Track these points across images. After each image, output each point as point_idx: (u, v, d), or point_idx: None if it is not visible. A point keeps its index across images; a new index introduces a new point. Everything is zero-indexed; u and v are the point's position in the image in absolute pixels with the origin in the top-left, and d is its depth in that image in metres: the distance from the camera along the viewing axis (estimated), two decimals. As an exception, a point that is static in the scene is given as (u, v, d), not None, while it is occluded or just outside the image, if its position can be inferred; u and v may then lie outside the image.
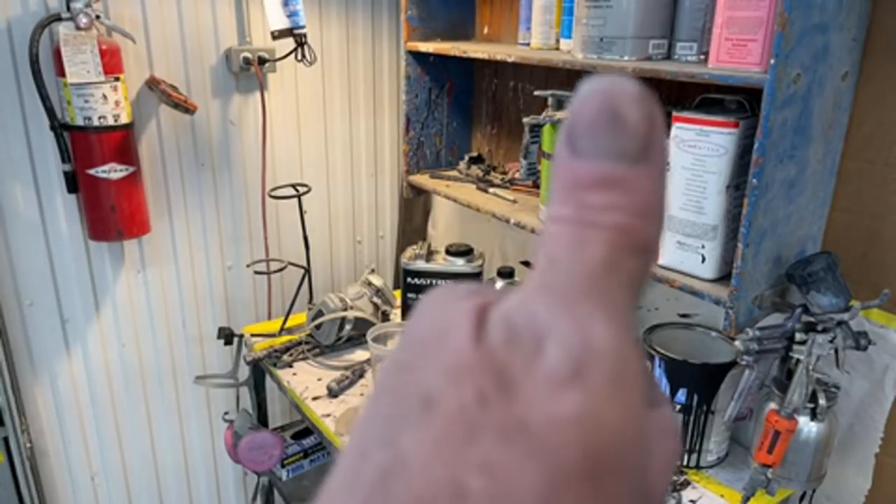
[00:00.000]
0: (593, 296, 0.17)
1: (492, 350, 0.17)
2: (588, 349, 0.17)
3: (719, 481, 1.29)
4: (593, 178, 0.18)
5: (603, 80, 0.18)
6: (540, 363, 0.16)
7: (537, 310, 0.17)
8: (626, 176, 0.18)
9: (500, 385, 0.16)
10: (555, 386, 0.16)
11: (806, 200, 1.13)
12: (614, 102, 0.18)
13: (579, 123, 0.18)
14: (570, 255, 0.18)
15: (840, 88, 1.09)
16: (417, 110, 1.79)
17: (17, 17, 1.46)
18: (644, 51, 1.21)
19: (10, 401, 1.62)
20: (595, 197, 0.18)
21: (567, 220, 0.18)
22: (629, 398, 0.17)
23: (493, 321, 0.17)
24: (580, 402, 0.16)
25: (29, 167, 1.55)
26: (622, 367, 0.17)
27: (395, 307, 1.85)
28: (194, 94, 1.71)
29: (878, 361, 1.17)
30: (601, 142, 0.18)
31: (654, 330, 1.38)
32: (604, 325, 0.17)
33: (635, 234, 0.18)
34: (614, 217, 0.18)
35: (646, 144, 0.18)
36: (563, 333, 0.17)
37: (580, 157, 0.18)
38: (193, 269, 1.85)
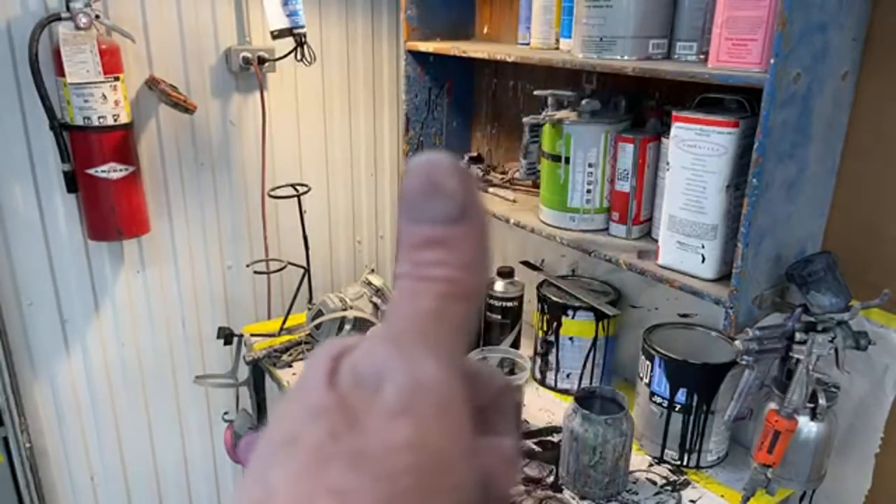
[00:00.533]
0: (425, 340, 0.21)
1: (341, 393, 0.20)
2: (417, 385, 0.20)
3: (719, 481, 1.29)
4: (423, 239, 0.22)
5: (424, 157, 0.22)
6: (379, 400, 0.20)
7: (378, 355, 0.21)
8: (449, 235, 0.22)
9: (348, 422, 0.19)
10: (390, 418, 0.19)
11: (806, 200, 1.13)
12: (433, 175, 0.22)
13: (410, 194, 0.22)
14: (406, 306, 0.22)
15: (840, 88, 1.09)
16: (417, 110, 1.79)
17: (16, 16, 1.46)
18: (644, 50, 1.20)
19: (9, 401, 1.62)
20: (426, 255, 0.22)
21: (406, 276, 0.22)
22: (454, 425, 0.20)
23: (343, 369, 0.21)
24: (410, 430, 0.19)
25: (28, 167, 1.55)
26: (447, 399, 0.20)
27: (394, 307, 1.84)
28: (194, 93, 1.71)
29: (878, 361, 1.17)
30: (426, 208, 0.22)
31: (654, 330, 1.38)
32: (432, 364, 0.20)
33: (460, 284, 0.22)
34: (442, 271, 0.22)
35: (463, 207, 0.22)
36: (397, 374, 0.20)
37: (413, 223, 0.22)
38: (193, 269, 1.85)
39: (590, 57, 1.24)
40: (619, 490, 1.25)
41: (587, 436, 1.20)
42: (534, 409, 1.51)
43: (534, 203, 1.52)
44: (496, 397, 0.25)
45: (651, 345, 1.31)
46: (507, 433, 0.24)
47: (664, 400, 1.30)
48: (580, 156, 1.34)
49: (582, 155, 1.34)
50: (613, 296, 1.52)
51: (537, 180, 1.51)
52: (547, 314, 1.52)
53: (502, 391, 0.26)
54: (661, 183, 1.28)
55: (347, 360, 0.21)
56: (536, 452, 1.37)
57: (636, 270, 1.23)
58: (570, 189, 1.37)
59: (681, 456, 1.32)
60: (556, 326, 1.51)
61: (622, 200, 1.33)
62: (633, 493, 1.26)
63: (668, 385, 1.29)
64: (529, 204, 1.55)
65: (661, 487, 1.27)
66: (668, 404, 1.30)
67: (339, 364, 0.21)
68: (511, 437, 0.25)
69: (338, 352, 0.21)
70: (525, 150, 1.50)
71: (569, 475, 1.25)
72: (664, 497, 1.25)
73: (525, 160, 1.51)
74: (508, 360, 1.49)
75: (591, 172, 1.35)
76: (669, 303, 1.49)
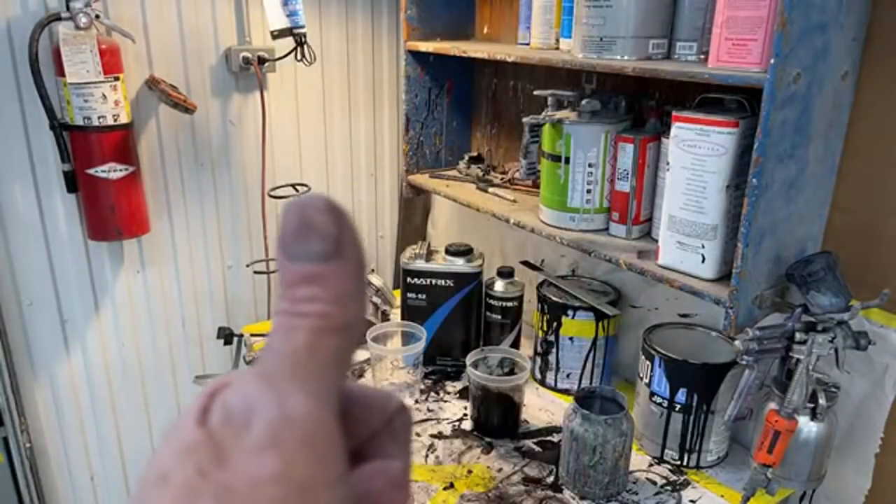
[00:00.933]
0: (296, 374, 0.22)
1: (211, 430, 0.21)
2: (284, 419, 0.21)
3: (719, 481, 1.29)
4: (298, 276, 0.23)
5: (300, 198, 0.23)
6: (247, 435, 0.20)
7: (249, 391, 0.21)
8: (322, 271, 0.23)
9: (216, 458, 0.20)
10: (257, 452, 0.20)
11: (806, 200, 1.13)
12: (307, 213, 0.23)
13: (285, 233, 0.23)
14: (281, 342, 0.22)
15: (840, 88, 1.09)
16: (417, 110, 1.79)
17: (16, 16, 1.46)
18: (644, 50, 1.20)
19: (9, 401, 1.62)
20: (300, 291, 0.23)
21: (282, 312, 0.23)
22: (321, 455, 0.21)
23: (215, 405, 0.21)
24: (275, 463, 0.20)
25: (28, 167, 1.55)
26: (315, 431, 0.21)
27: (394, 307, 1.85)
28: (194, 93, 1.71)
29: (878, 361, 1.17)
30: (300, 246, 0.23)
31: (654, 330, 1.38)
32: (301, 398, 0.21)
33: (334, 318, 0.23)
34: (315, 306, 0.22)
35: (336, 244, 0.23)
36: (265, 408, 0.21)
37: (289, 260, 0.23)
38: (193, 269, 1.85)
39: (590, 57, 1.24)
40: (619, 490, 1.25)
41: (587, 436, 1.20)
42: (534, 409, 1.51)
43: (534, 203, 1.52)
44: (388, 421, 0.26)
45: (651, 345, 1.31)
46: (396, 456, 0.25)
47: (664, 400, 1.30)
48: (580, 156, 1.34)
49: (582, 155, 1.34)
50: (613, 296, 1.52)
51: (537, 180, 1.51)
52: (547, 314, 1.52)
53: (394, 414, 0.26)
54: (661, 183, 1.28)
55: (220, 397, 0.22)
56: (536, 452, 1.37)
57: (636, 270, 1.23)
58: (570, 189, 1.37)
59: (681, 456, 1.32)
60: (556, 326, 1.51)
61: (622, 200, 1.33)
62: (633, 493, 1.26)
63: (668, 385, 1.29)
64: (529, 204, 1.55)
65: (661, 487, 1.27)
66: (668, 404, 1.30)
67: (212, 401, 0.22)
68: (400, 460, 0.25)
69: (213, 389, 0.22)
70: (525, 150, 1.50)
71: (569, 475, 1.25)
72: (664, 497, 1.25)
73: (525, 160, 1.51)
74: (508, 360, 1.49)
75: (591, 172, 1.35)
76: (669, 303, 1.49)
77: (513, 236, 1.87)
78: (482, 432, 1.43)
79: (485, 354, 1.48)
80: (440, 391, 1.59)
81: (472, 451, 1.37)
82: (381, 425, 0.26)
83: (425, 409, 1.51)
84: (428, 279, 1.60)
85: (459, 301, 1.61)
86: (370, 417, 0.26)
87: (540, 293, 1.54)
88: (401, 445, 0.26)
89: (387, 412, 0.26)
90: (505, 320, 1.62)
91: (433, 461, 1.34)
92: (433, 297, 1.61)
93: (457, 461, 1.34)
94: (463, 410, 1.50)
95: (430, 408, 1.52)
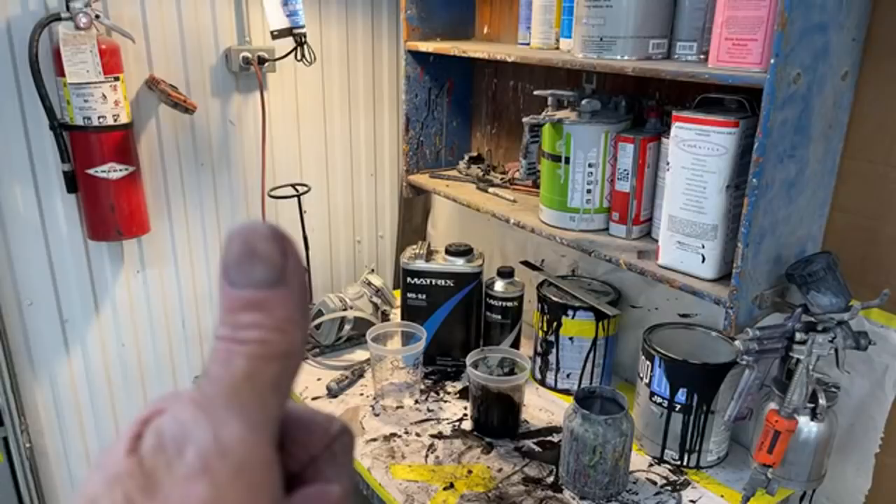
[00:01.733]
0: (233, 401, 0.22)
1: (141, 458, 0.21)
2: (217, 447, 0.20)
3: (719, 481, 1.29)
4: (241, 302, 0.23)
5: (244, 225, 0.23)
6: (179, 464, 0.20)
7: (184, 418, 0.21)
8: (266, 298, 0.23)
9: (145, 487, 0.20)
10: (187, 481, 0.20)
11: (806, 200, 1.13)
12: (251, 240, 0.23)
13: (228, 259, 0.23)
14: (219, 368, 0.22)
15: (840, 88, 1.09)
16: (417, 110, 1.79)
17: (16, 16, 1.46)
18: (644, 50, 1.20)
19: (9, 401, 1.62)
20: (242, 318, 0.22)
21: (222, 338, 0.23)
22: (255, 482, 0.21)
23: (148, 432, 0.21)
24: (206, 491, 0.20)
25: (28, 167, 1.55)
26: (248, 458, 0.21)
27: (394, 307, 1.85)
28: (194, 93, 1.71)
29: (878, 361, 1.17)
30: (244, 273, 0.23)
31: (654, 330, 1.38)
32: (235, 424, 0.21)
33: (275, 345, 0.22)
34: (256, 333, 0.22)
35: (280, 271, 0.23)
36: (199, 436, 0.21)
37: (232, 286, 0.23)
38: (193, 269, 1.85)
39: (590, 57, 1.24)
40: (619, 490, 1.25)
41: (587, 436, 1.20)
42: (534, 409, 1.51)
43: (534, 203, 1.52)
44: (329, 444, 0.26)
45: (651, 345, 1.31)
46: (335, 480, 0.25)
47: (664, 400, 1.30)
48: (580, 156, 1.34)
49: (582, 155, 1.34)
50: (613, 296, 1.52)
51: (537, 180, 1.51)
52: (547, 314, 1.52)
53: (336, 437, 0.26)
54: (661, 183, 1.28)
55: (154, 424, 0.21)
56: (536, 452, 1.37)
57: (636, 270, 1.23)
58: (570, 189, 1.37)
59: (681, 456, 1.32)
60: (556, 326, 1.51)
61: (622, 200, 1.33)
62: (633, 493, 1.26)
63: (668, 385, 1.29)
64: (529, 204, 1.55)
65: (661, 487, 1.27)
66: (668, 404, 1.30)
67: (145, 428, 0.21)
68: (339, 484, 0.25)
69: (147, 416, 0.22)
70: (525, 150, 1.50)
71: (569, 475, 1.25)
72: (664, 497, 1.25)
73: (525, 160, 1.51)
74: (508, 360, 1.49)
75: (591, 172, 1.35)
76: (669, 303, 1.49)
77: (513, 236, 1.87)
78: (482, 432, 1.43)
79: (485, 354, 1.48)
80: (440, 391, 1.59)
81: (472, 451, 1.37)
82: (321, 449, 0.26)
83: (425, 409, 1.51)
84: (428, 279, 1.60)
85: (459, 301, 1.61)
86: (311, 440, 0.26)
87: (540, 293, 1.54)
88: (340, 469, 0.26)
89: (328, 435, 0.26)
90: (505, 320, 1.62)
91: (433, 461, 1.34)
92: (433, 297, 1.61)
93: (457, 461, 1.34)
94: (463, 410, 1.50)
95: (430, 408, 1.52)
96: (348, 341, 1.77)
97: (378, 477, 1.29)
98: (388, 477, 1.29)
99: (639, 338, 1.38)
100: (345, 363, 1.70)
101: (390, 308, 1.85)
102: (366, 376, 1.64)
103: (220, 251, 0.23)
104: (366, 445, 1.39)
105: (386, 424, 1.46)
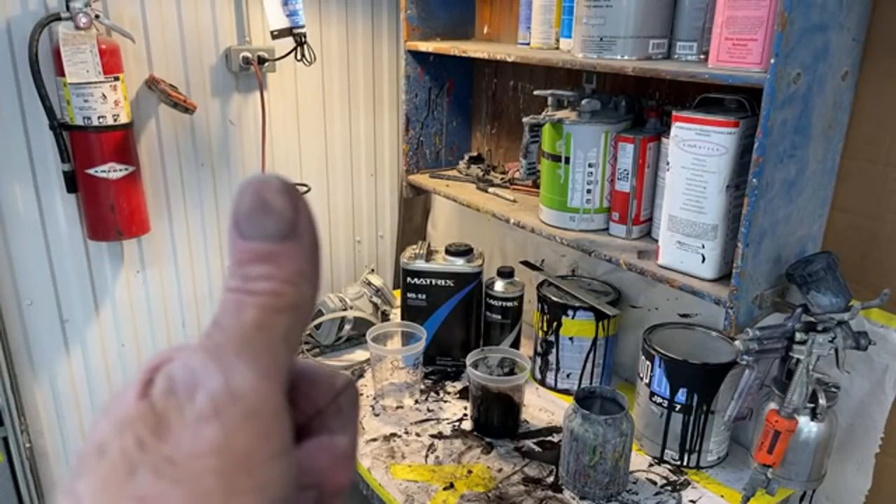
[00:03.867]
0: (243, 350, 0.22)
1: (152, 402, 0.21)
2: (228, 392, 0.21)
3: (719, 481, 1.29)
4: (252, 254, 0.23)
5: (256, 177, 0.23)
6: (190, 408, 0.20)
7: (195, 365, 0.21)
8: (277, 251, 0.23)
9: (156, 430, 0.20)
10: (198, 424, 0.20)
11: (806, 200, 1.13)
12: (264, 193, 0.23)
13: (240, 211, 0.23)
14: (230, 318, 0.22)
15: (840, 88, 1.09)
16: (417, 110, 1.79)
17: (16, 16, 1.46)
18: (644, 50, 1.20)
19: (9, 401, 1.62)
20: (253, 269, 0.22)
21: (233, 289, 0.23)
22: (263, 428, 0.21)
23: (159, 378, 0.21)
24: (216, 435, 0.20)
25: (28, 167, 1.55)
26: (259, 404, 0.21)
27: (394, 307, 1.85)
28: (194, 93, 1.71)
29: (878, 361, 1.17)
30: (256, 225, 0.23)
31: (654, 330, 1.38)
32: (246, 372, 0.21)
33: (286, 297, 0.23)
34: (267, 285, 0.22)
35: (292, 225, 0.23)
36: (210, 382, 0.21)
37: (243, 238, 0.23)
38: (193, 269, 1.84)
39: (590, 57, 1.24)
40: (619, 490, 1.25)
41: (587, 436, 1.19)
42: (534, 409, 1.51)
43: (534, 203, 1.52)
44: (335, 397, 0.26)
45: (651, 345, 1.31)
46: (341, 432, 0.25)
47: (664, 400, 1.30)
48: (580, 156, 1.34)
49: (582, 155, 1.34)
50: (613, 296, 1.52)
51: (537, 180, 1.51)
52: (547, 314, 1.52)
53: (340, 391, 0.26)
54: (661, 183, 1.28)
55: (164, 370, 0.22)
56: (536, 452, 1.37)
57: (636, 270, 1.23)
58: (570, 189, 1.37)
59: (681, 456, 1.32)
60: (556, 326, 1.51)
61: (622, 200, 1.33)
62: (633, 493, 1.26)
63: (668, 385, 1.29)
64: (529, 204, 1.55)
65: (661, 487, 1.27)
66: (668, 404, 1.30)
67: (155, 374, 0.22)
68: (346, 436, 0.25)
69: (156, 363, 0.22)
70: (525, 150, 1.50)
71: (569, 475, 1.25)
72: (664, 497, 1.25)
73: (525, 160, 1.51)
74: (508, 360, 1.49)
75: (591, 172, 1.35)
76: (669, 303, 1.49)
77: (513, 236, 1.87)
78: (482, 432, 1.42)
79: (485, 354, 1.48)
80: (440, 391, 1.59)
81: (472, 451, 1.37)
82: (327, 402, 0.26)
83: (425, 409, 1.51)
84: (428, 279, 1.60)
85: (459, 301, 1.61)
86: (317, 394, 0.26)
87: (540, 293, 1.54)
88: (347, 422, 0.26)
89: (334, 389, 0.26)
90: (505, 320, 1.62)
91: (433, 461, 1.34)
92: (433, 297, 1.61)
93: (457, 461, 1.34)
94: (463, 410, 1.50)
95: (430, 408, 1.52)
96: (348, 341, 1.77)
97: (378, 477, 1.29)
98: (388, 477, 1.29)
99: (639, 338, 1.38)
100: (345, 363, 1.70)
101: (390, 308, 1.85)
102: (366, 376, 1.64)
103: (231, 204, 0.23)
104: (366, 445, 1.39)
105: (386, 424, 1.46)
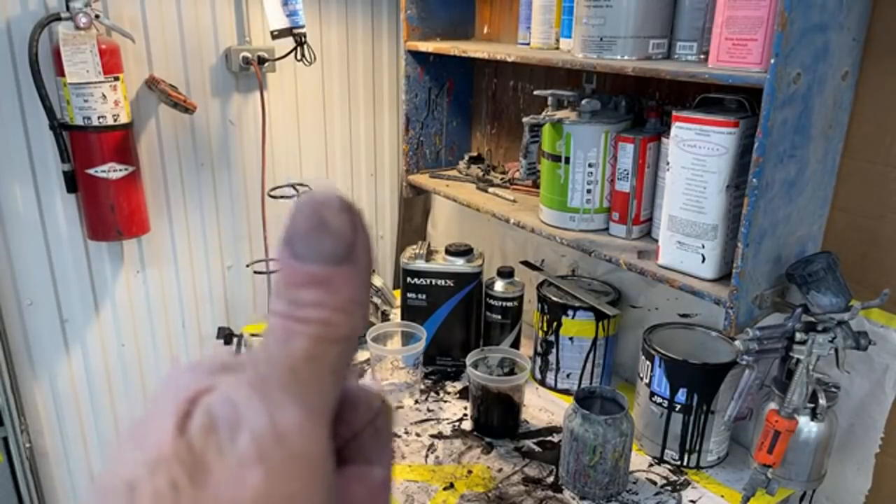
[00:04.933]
0: (291, 384, 0.20)
1: (190, 440, 0.19)
2: (273, 434, 0.19)
3: (719, 481, 1.29)
4: (305, 278, 0.21)
5: (314, 194, 0.22)
6: (232, 449, 0.19)
7: (239, 399, 0.20)
8: (332, 275, 0.21)
9: (193, 474, 0.19)
10: (240, 469, 0.19)
11: (806, 200, 1.13)
12: (322, 212, 0.21)
13: (295, 230, 0.21)
14: (278, 347, 0.21)
15: (840, 88, 1.09)
16: (417, 110, 1.79)
17: (16, 16, 1.46)
18: (644, 50, 1.20)
19: (9, 401, 1.62)
20: (305, 294, 0.21)
21: (280, 314, 0.21)
22: (309, 472, 0.20)
23: (197, 412, 0.20)
24: (259, 482, 0.19)
25: (28, 167, 1.55)
26: (305, 447, 0.20)
27: (394, 307, 1.85)
28: (194, 93, 1.71)
29: (878, 361, 1.17)
30: (311, 246, 0.21)
31: (654, 330, 1.38)
32: (293, 410, 0.20)
33: (337, 327, 0.21)
34: (319, 313, 0.21)
35: (349, 247, 0.21)
36: (254, 420, 0.19)
37: (297, 259, 0.21)
38: (193, 269, 1.85)
39: (590, 57, 1.24)
40: (619, 490, 1.25)
41: (587, 436, 1.19)
42: (534, 409, 1.51)
43: (534, 203, 1.52)
44: (372, 419, 0.25)
45: (651, 345, 1.31)
46: (377, 462, 0.24)
47: (664, 400, 1.30)
48: (580, 156, 1.34)
49: (582, 155, 1.34)
50: (613, 296, 1.52)
51: (537, 180, 1.51)
52: (547, 314, 1.52)
53: (378, 413, 0.25)
54: (661, 183, 1.28)
55: (204, 402, 0.20)
56: (536, 452, 1.37)
57: (636, 270, 1.23)
58: (570, 189, 1.37)
59: (681, 456, 1.32)
60: (556, 326, 1.51)
61: (622, 200, 1.33)
62: (633, 493, 1.26)
63: (668, 385, 1.29)
64: (529, 204, 1.55)
65: (661, 487, 1.27)
66: (668, 404, 1.30)
67: (194, 407, 0.20)
68: (382, 466, 0.24)
69: (194, 393, 0.20)
70: (525, 150, 1.50)
71: (569, 475, 1.25)
72: (664, 497, 1.25)
73: (525, 160, 1.51)
74: (508, 360, 1.49)
75: (591, 172, 1.35)
76: (669, 303, 1.48)
77: (513, 236, 1.87)
78: (482, 432, 1.42)
79: (485, 354, 1.48)
80: (440, 391, 1.59)
81: (472, 451, 1.37)
82: (364, 425, 0.25)
83: (425, 409, 1.51)
84: (428, 279, 1.60)
85: (459, 301, 1.61)
86: (354, 417, 0.24)
87: (540, 293, 1.54)
88: (383, 447, 0.25)
89: (371, 410, 0.25)
90: (505, 320, 1.62)
91: (433, 461, 1.34)
92: (433, 297, 1.61)
93: (457, 461, 1.34)
94: (463, 410, 1.50)
95: (430, 408, 1.52)
96: (348, 341, 1.77)
97: (378, 477, 1.29)
98: (388, 477, 1.29)
99: (639, 338, 1.38)
100: (345, 363, 1.69)
101: (390, 308, 1.85)
102: (366, 376, 1.64)
103: (286, 223, 0.22)
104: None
105: (386, 424, 1.46)
